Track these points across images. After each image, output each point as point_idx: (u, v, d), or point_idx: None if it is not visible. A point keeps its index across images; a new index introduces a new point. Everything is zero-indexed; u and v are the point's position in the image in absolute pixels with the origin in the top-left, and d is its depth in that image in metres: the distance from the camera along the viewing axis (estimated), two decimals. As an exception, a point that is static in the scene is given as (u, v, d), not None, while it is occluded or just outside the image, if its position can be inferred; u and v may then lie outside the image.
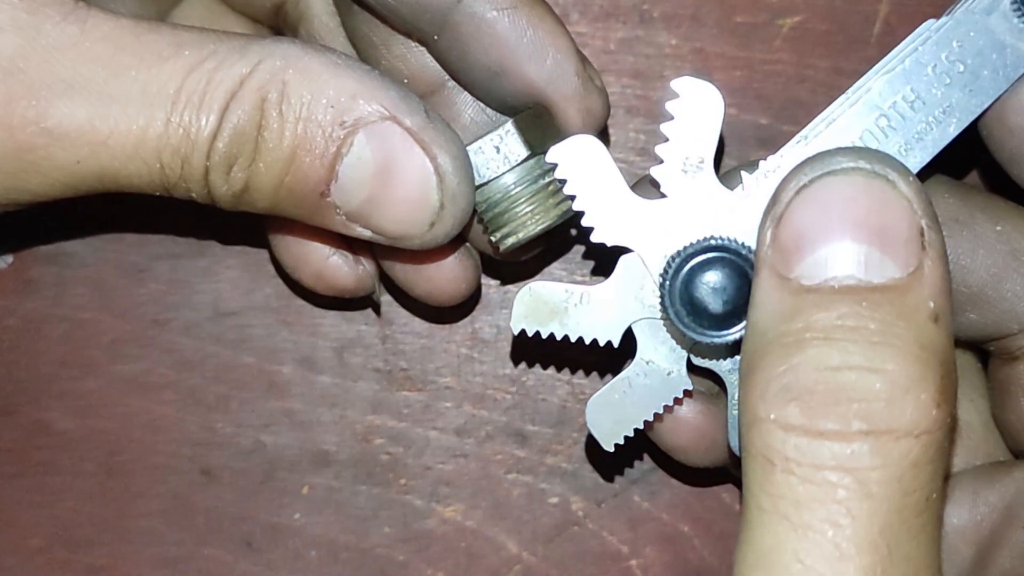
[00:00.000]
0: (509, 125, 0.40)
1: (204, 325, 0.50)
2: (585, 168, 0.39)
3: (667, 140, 0.38)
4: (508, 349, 0.50)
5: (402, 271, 0.44)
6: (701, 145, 0.38)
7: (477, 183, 0.40)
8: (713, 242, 0.37)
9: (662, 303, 0.38)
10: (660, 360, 0.40)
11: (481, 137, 0.40)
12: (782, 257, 0.33)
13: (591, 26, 0.48)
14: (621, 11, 0.48)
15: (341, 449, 0.50)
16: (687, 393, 0.40)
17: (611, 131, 0.49)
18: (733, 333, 0.37)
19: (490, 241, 0.42)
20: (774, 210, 0.34)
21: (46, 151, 0.36)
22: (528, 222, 0.41)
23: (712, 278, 0.37)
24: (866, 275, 0.32)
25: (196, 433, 0.50)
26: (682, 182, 0.38)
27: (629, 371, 0.40)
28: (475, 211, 0.41)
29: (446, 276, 0.44)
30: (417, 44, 0.43)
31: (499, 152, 0.40)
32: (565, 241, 0.49)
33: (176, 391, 0.50)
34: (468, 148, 0.40)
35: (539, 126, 0.41)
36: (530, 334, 0.40)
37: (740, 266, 0.37)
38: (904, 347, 0.31)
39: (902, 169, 0.33)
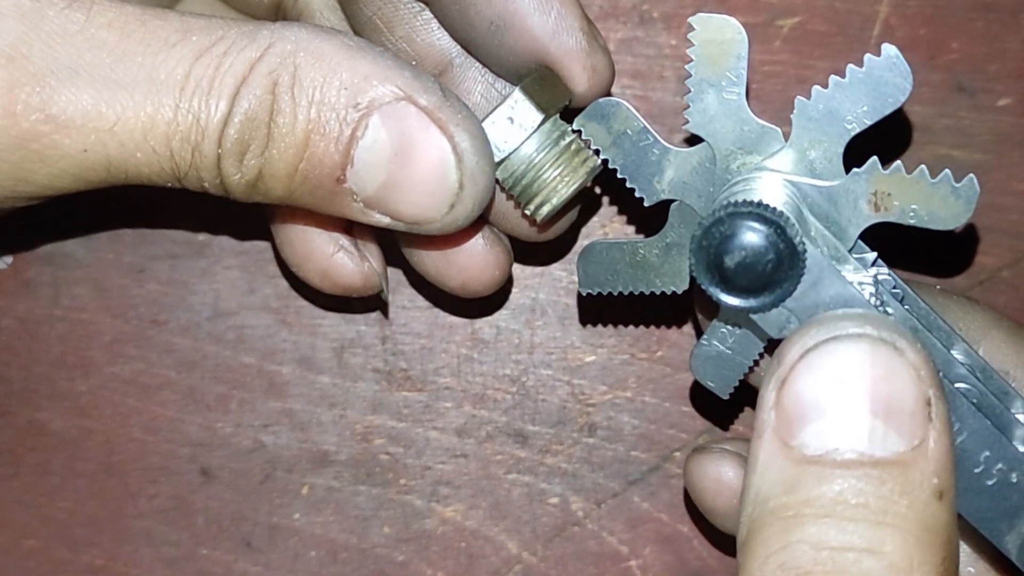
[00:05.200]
0: (517, 93, 0.39)
1: (203, 325, 0.50)
2: (614, 130, 0.38)
3: (693, 80, 0.38)
4: (508, 349, 0.50)
5: (432, 265, 0.43)
6: (730, 80, 0.37)
7: (496, 159, 0.39)
8: (748, 208, 0.36)
9: (690, 257, 0.37)
10: None
11: (492, 111, 0.40)
12: (785, 423, 0.32)
13: (591, 26, 0.48)
14: (621, 11, 0.48)
15: (341, 449, 0.50)
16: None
17: (611, 131, 0.49)
18: (750, 304, 0.36)
19: (524, 214, 0.41)
20: (778, 372, 0.33)
21: (51, 139, 0.35)
22: (559, 186, 0.40)
23: (742, 243, 0.36)
24: (869, 448, 0.31)
25: (195, 433, 0.50)
26: (717, 121, 0.38)
27: (720, 318, 0.40)
28: (502, 188, 0.41)
29: (478, 265, 0.43)
30: (422, 21, 0.42)
31: (513, 122, 0.39)
32: (595, 199, 0.49)
33: (175, 391, 0.50)
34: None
35: (547, 88, 0.40)
36: (596, 294, 0.40)
37: (774, 240, 0.36)
38: (905, 527, 0.31)
39: (909, 336, 0.32)
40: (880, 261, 0.39)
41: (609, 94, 0.41)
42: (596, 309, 0.49)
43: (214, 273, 0.50)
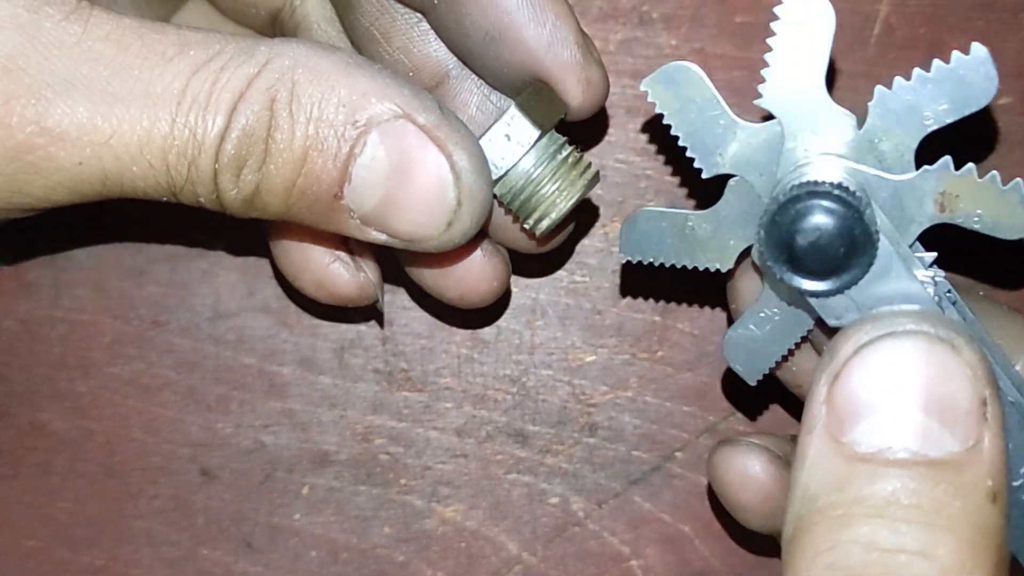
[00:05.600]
0: (513, 109, 0.39)
1: (203, 326, 0.50)
2: (682, 96, 0.38)
3: (773, 55, 0.37)
4: (508, 350, 0.50)
5: (431, 277, 0.43)
6: (810, 62, 0.37)
7: (494, 176, 0.39)
8: (827, 189, 0.35)
9: (757, 233, 0.36)
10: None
11: (488, 128, 0.40)
12: (836, 419, 0.32)
13: (591, 27, 0.48)
14: (620, 12, 0.48)
15: (341, 449, 0.50)
16: (819, 323, 0.38)
17: (611, 131, 0.49)
18: (818, 287, 0.36)
19: (523, 228, 0.41)
20: (831, 366, 0.32)
21: (46, 151, 0.35)
22: (558, 200, 0.40)
23: (817, 224, 0.35)
24: (923, 447, 0.31)
25: (195, 433, 0.50)
26: (791, 100, 0.37)
27: (759, 304, 0.39)
28: (501, 203, 0.41)
29: (476, 276, 0.43)
30: (419, 32, 0.42)
31: (510, 139, 0.39)
32: (593, 211, 0.49)
33: (175, 392, 0.50)
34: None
35: (542, 103, 0.40)
36: (636, 262, 0.39)
37: (850, 224, 0.35)
38: (959, 530, 0.30)
39: (967, 335, 0.32)
40: (936, 264, 0.38)
41: (604, 108, 0.41)
42: (636, 279, 0.49)
43: (214, 274, 0.50)
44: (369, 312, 0.49)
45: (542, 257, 0.46)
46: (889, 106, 0.36)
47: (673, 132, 0.38)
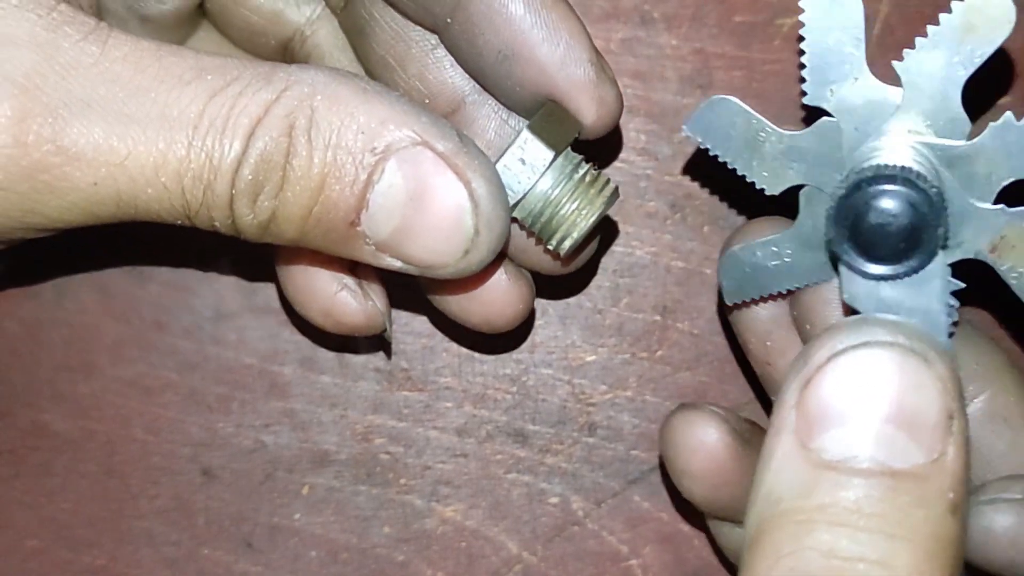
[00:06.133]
0: (526, 132, 0.39)
1: (205, 327, 0.50)
2: (728, 128, 0.38)
3: (809, 56, 0.37)
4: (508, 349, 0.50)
5: (455, 303, 0.43)
6: (850, 44, 0.37)
7: (511, 200, 0.39)
8: (922, 183, 0.35)
9: (827, 215, 0.36)
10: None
11: (502, 154, 0.40)
12: (805, 424, 0.32)
13: (592, 27, 0.48)
14: (621, 12, 0.48)
15: (341, 449, 0.50)
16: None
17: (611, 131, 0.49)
18: (859, 262, 0.36)
19: (547, 249, 0.41)
20: (804, 371, 0.32)
21: (62, 171, 0.35)
22: (578, 219, 0.40)
23: (894, 210, 0.35)
24: (888, 458, 0.31)
25: (196, 434, 0.50)
26: (838, 95, 0.37)
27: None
28: (522, 226, 0.41)
29: (502, 301, 0.43)
30: (434, 59, 0.42)
31: (525, 163, 0.39)
32: (612, 227, 0.49)
33: (177, 392, 0.50)
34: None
35: (555, 123, 0.40)
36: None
37: (924, 226, 0.35)
38: (919, 541, 0.30)
39: (939, 348, 0.32)
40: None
41: (618, 127, 0.40)
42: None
43: (216, 275, 0.50)
44: (377, 342, 0.49)
45: (566, 278, 0.46)
46: (914, 71, 0.36)
47: (729, 165, 0.38)
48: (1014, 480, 0.39)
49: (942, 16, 0.36)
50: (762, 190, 0.39)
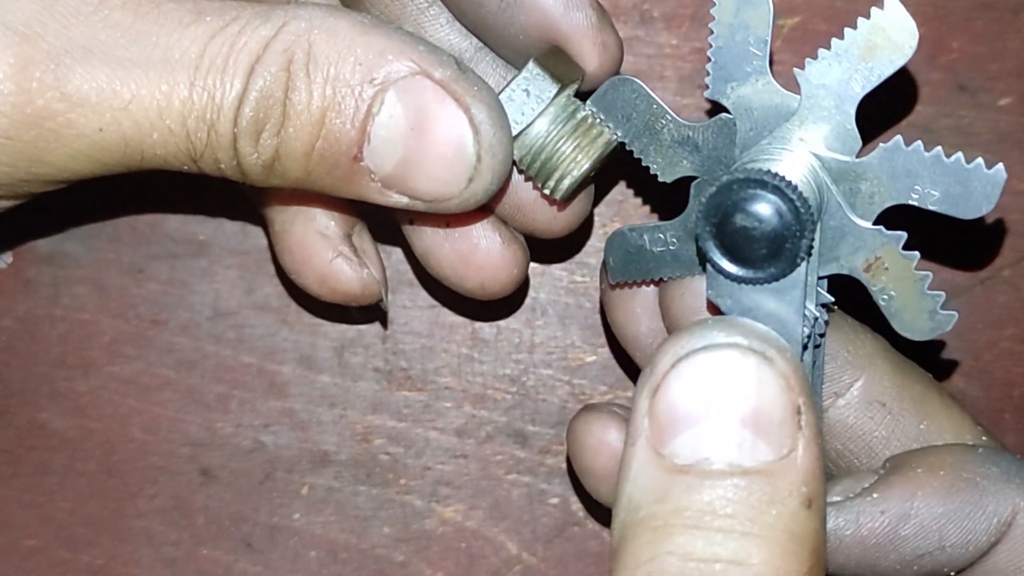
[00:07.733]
0: (531, 64, 0.39)
1: (203, 325, 0.50)
2: (626, 108, 0.38)
3: (715, 50, 0.37)
4: (508, 349, 0.50)
5: (450, 267, 0.43)
6: (752, 54, 0.37)
7: (513, 132, 0.39)
8: (789, 191, 0.35)
9: (698, 210, 0.36)
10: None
11: (506, 85, 0.39)
12: (657, 431, 0.32)
13: (591, 26, 0.48)
14: (621, 11, 0.48)
15: (341, 449, 0.50)
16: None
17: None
18: (721, 261, 0.36)
19: (544, 194, 0.41)
20: (651, 379, 0.33)
21: (66, 117, 0.35)
22: (579, 157, 0.40)
23: (759, 215, 0.35)
24: (738, 458, 0.31)
25: (195, 433, 0.50)
26: (738, 89, 0.37)
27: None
28: (520, 169, 0.41)
29: (496, 264, 0.43)
30: (430, 16, 0.42)
31: (529, 95, 0.39)
32: (608, 180, 0.49)
33: (175, 391, 0.50)
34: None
35: (559, 62, 0.40)
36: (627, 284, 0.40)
37: (787, 234, 0.35)
38: (772, 537, 0.31)
39: (780, 345, 0.32)
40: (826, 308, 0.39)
41: (619, 73, 0.41)
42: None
43: (214, 273, 0.50)
44: (372, 312, 0.49)
45: (559, 244, 0.45)
46: (812, 83, 0.36)
47: (628, 146, 0.39)
48: (832, 482, 0.39)
49: (847, 31, 0.36)
50: (655, 176, 0.40)
